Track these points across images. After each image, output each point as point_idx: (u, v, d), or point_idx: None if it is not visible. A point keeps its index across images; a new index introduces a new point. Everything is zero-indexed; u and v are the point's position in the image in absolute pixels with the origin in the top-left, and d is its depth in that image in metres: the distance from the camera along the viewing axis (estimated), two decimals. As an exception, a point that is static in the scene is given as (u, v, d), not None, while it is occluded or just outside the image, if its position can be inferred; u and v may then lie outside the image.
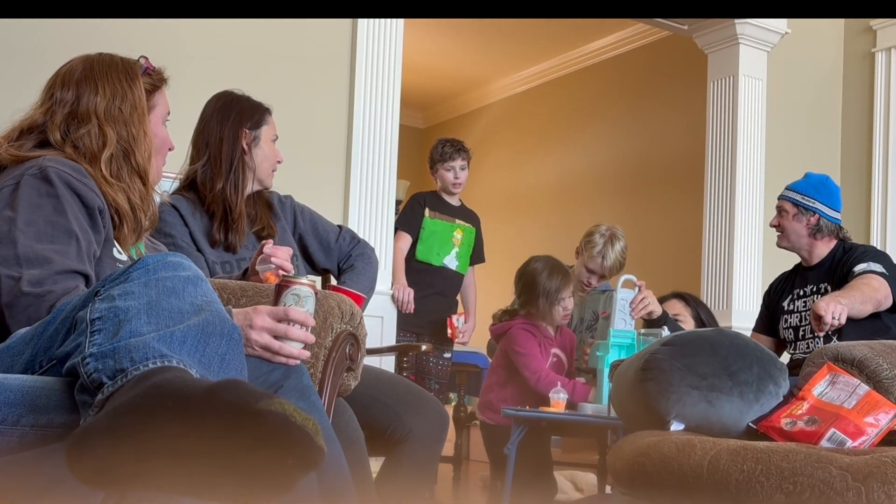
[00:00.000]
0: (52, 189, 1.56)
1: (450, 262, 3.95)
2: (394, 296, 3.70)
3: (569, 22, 6.06)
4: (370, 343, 2.05)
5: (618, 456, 2.02)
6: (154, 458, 0.99)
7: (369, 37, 3.65)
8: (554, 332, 3.38)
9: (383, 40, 3.68)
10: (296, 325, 1.51)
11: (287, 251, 1.98)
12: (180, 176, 2.39)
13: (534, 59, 6.97)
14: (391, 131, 3.69)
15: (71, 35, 2.98)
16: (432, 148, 4.01)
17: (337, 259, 2.53)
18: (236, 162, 2.31)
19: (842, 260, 3.18)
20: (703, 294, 4.59)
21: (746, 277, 4.57)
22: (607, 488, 3.58)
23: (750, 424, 2.03)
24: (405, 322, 3.79)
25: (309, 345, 1.55)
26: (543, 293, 3.30)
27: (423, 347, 2.99)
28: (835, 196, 3.27)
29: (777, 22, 4.69)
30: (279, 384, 1.48)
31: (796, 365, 2.96)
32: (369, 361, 2.26)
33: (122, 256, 1.68)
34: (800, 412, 1.96)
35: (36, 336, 1.32)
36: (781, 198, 3.30)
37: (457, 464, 4.42)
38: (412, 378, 3.68)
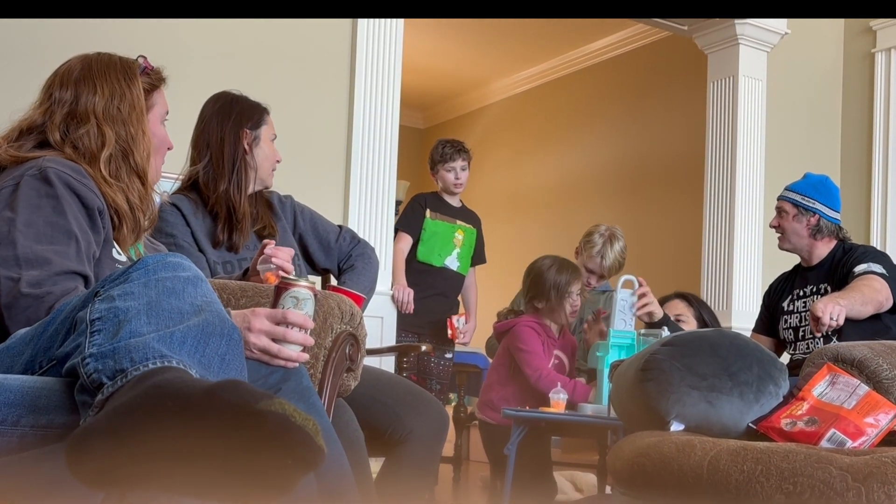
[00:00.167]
0: (52, 190, 1.56)
1: (451, 263, 3.95)
2: (394, 296, 3.70)
3: (569, 22, 6.05)
4: (370, 343, 2.05)
5: (618, 456, 2.02)
6: (154, 459, 0.99)
7: (369, 37, 3.65)
8: (558, 334, 3.38)
9: (383, 40, 3.68)
10: (294, 328, 1.50)
11: (289, 252, 1.98)
12: (181, 177, 2.39)
13: (534, 60, 6.97)
14: (391, 131, 3.69)
15: (71, 35, 2.98)
16: (433, 149, 4.01)
17: (337, 259, 2.53)
18: (238, 162, 2.31)
19: (842, 260, 3.18)
20: (703, 294, 4.59)
21: (746, 278, 4.57)
22: (607, 489, 3.58)
23: (750, 425, 2.02)
24: (407, 323, 3.79)
25: (308, 347, 1.54)
26: (553, 286, 3.30)
27: (423, 348, 2.99)
28: (834, 196, 3.27)
29: (777, 22, 4.69)
30: (278, 386, 1.47)
31: (796, 365, 2.96)
32: (369, 362, 2.26)
33: (122, 257, 1.68)
34: (800, 412, 1.96)
35: (36, 336, 1.32)
36: (781, 198, 3.30)
37: (457, 464, 4.42)
38: (414, 379, 3.68)
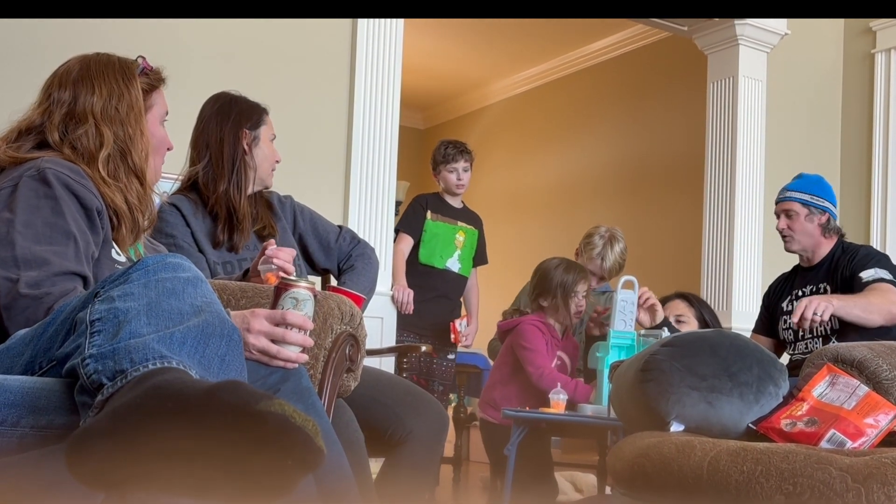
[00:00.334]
0: (51, 191, 1.56)
1: (452, 265, 3.94)
2: (393, 297, 3.69)
3: (569, 23, 6.05)
4: (370, 344, 2.05)
5: (618, 457, 2.02)
6: (154, 460, 0.99)
7: (369, 37, 3.65)
8: (561, 335, 3.38)
9: (383, 40, 3.68)
10: (293, 329, 1.49)
11: (290, 252, 1.98)
12: (181, 177, 2.39)
13: (534, 60, 6.97)
14: (391, 132, 3.69)
15: (71, 35, 2.97)
16: (435, 149, 4.00)
17: (337, 259, 2.52)
18: (238, 162, 2.31)
19: (840, 260, 3.18)
20: (703, 295, 4.59)
21: (746, 278, 4.57)
22: (607, 489, 3.58)
23: (750, 425, 2.02)
24: (409, 324, 3.78)
25: (307, 348, 1.54)
26: (560, 285, 3.32)
27: (424, 348, 2.99)
28: (833, 194, 3.29)
29: (777, 23, 4.69)
30: (277, 387, 1.47)
31: (796, 366, 2.96)
32: (369, 362, 2.26)
33: (121, 258, 1.68)
34: (800, 413, 1.96)
35: (36, 337, 1.32)
36: (787, 200, 3.23)
37: (457, 465, 4.42)
38: (416, 380, 3.68)
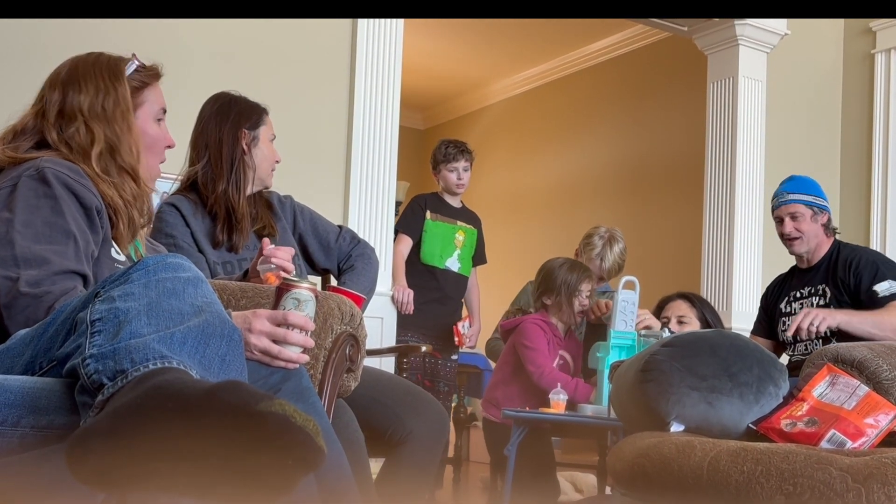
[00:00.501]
0: (50, 190, 1.56)
1: (452, 265, 3.94)
2: (393, 297, 3.69)
3: (568, 23, 6.05)
4: (370, 344, 2.05)
5: (618, 457, 2.02)
6: (154, 459, 0.99)
7: (369, 37, 3.65)
8: (564, 334, 3.38)
9: (383, 40, 3.68)
10: (295, 330, 1.50)
11: (289, 251, 1.98)
12: (180, 177, 2.38)
13: (534, 61, 6.97)
14: (391, 132, 3.69)
15: (71, 35, 2.97)
16: (435, 149, 4.00)
17: (337, 259, 2.52)
18: (237, 162, 2.31)
19: (839, 262, 3.18)
20: (703, 295, 4.58)
21: (746, 279, 4.57)
22: (607, 489, 3.58)
23: (750, 426, 2.03)
24: (412, 325, 3.78)
25: (308, 349, 1.54)
26: (564, 283, 3.33)
27: (424, 349, 2.98)
28: (823, 193, 3.30)
29: (777, 23, 4.69)
30: (278, 387, 1.47)
31: (795, 367, 2.96)
32: (369, 362, 2.26)
33: (121, 257, 1.68)
34: (800, 413, 1.96)
35: (36, 337, 1.32)
36: (790, 203, 3.23)
37: (457, 465, 4.42)
38: (420, 380, 3.67)
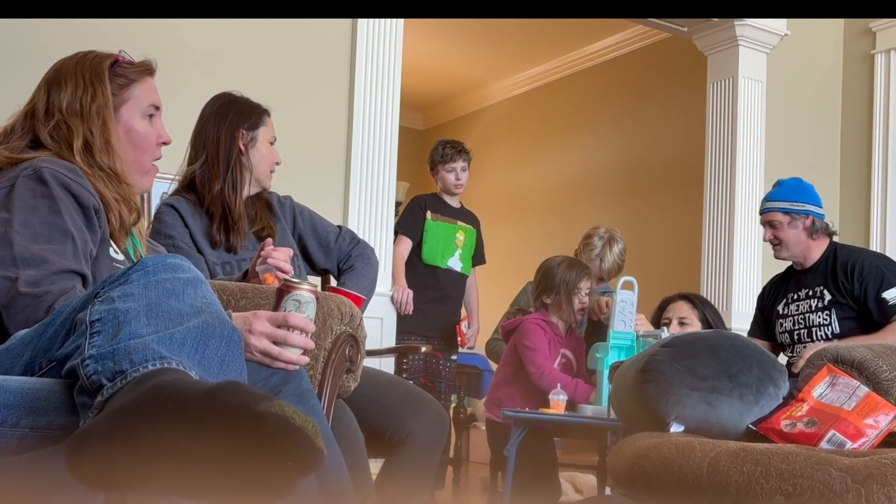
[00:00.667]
0: (48, 190, 1.56)
1: (454, 264, 3.93)
2: (393, 297, 3.69)
3: (568, 24, 6.05)
4: (370, 345, 2.05)
5: (617, 457, 2.02)
6: (154, 460, 0.99)
7: (369, 37, 3.65)
8: (565, 332, 3.38)
9: (383, 40, 3.68)
10: (295, 331, 1.50)
11: (287, 252, 1.98)
12: (178, 177, 2.39)
13: (533, 61, 6.97)
14: (391, 132, 3.69)
15: (71, 35, 2.97)
16: (433, 149, 4.00)
17: (336, 259, 2.52)
18: (233, 163, 2.31)
19: (836, 264, 3.17)
20: (703, 295, 4.58)
21: (746, 279, 4.57)
22: (607, 490, 3.58)
23: (750, 426, 2.02)
24: (413, 326, 3.77)
25: (308, 350, 1.54)
26: (563, 281, 3.33)
27: (423, 349, 2.98)
28: (815, 194, 3.27)
29: (776, 24, 4.69)
30: (278, 389, 1.47)
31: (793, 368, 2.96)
32: (369, 363, 2.26)
33: (119, 256, 1.68)
34: (799, 414, 1.96)
35: (35, 338, 1.32)
36: (768, 211, 3.25)
37: (456, 465, 4.42)
38: (421, 381, 3.67)
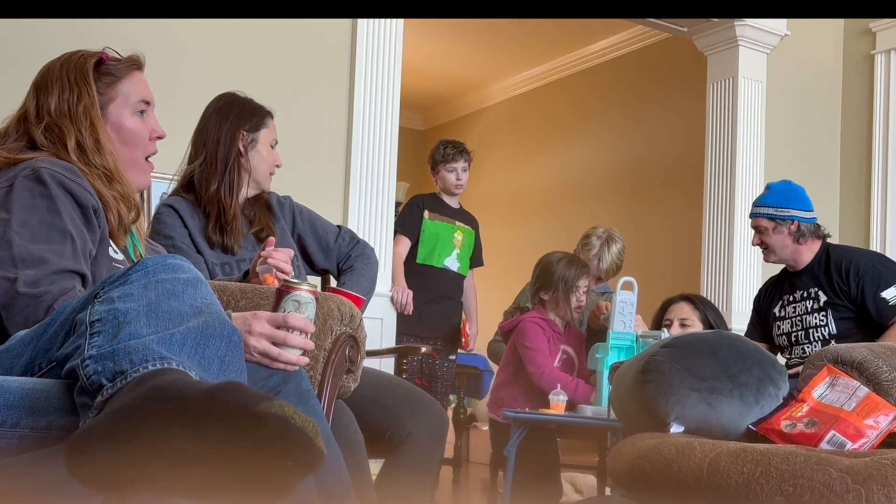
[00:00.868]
0: (46, 190, 1.56)
1: (451, 264, 3.93)
2: (393, 297, 3.69)
3: (568, 24, 6.05)
4: (369, 345, 2.05)
5: (617, 458, 2.02)
6: (154, 461, 0.99)
7: (369, 37, 3.65)
8: (563, 328, 3.37)
9: (383, 40, 3.68)
10: (295, 332, 1.49)
11: (287, 253, 1.98)
12: (177, 177, 2.38)
13: (533, 62, 6.97)
14: (391, 133, 3.69)
15: (71, 35, 2.97)
16: (434, 149, 4.00)
17: (336, 259, 2.52)
18: (231, 163, 2.30)
19: (829, 265, 3.17)
20: (703, 296, 4.58)
21: (746, 279, 4.57)
22: (607, 490, 3.58)
23: (750, 427, 2.02)
24: (412, 328, 3.77)
25: (308, 351, 1.54)
26: (561, 279, 3.31)
27: (423, 349, 2.98)
28: (804, 198, 3.26)
29: (776, 24, 4.69)
30: (277, 389, 1.47)
31: (791, 370, 2.95)
32: (369, 363, 2.26)
33: (118, 255, 1.68)
34: (799, 414, 1.96)
35: (35, 338, 1.32)
36: (754, 216, 3.28)
37: (456, 466, 4.42)
38: (418, 382, 3.67)
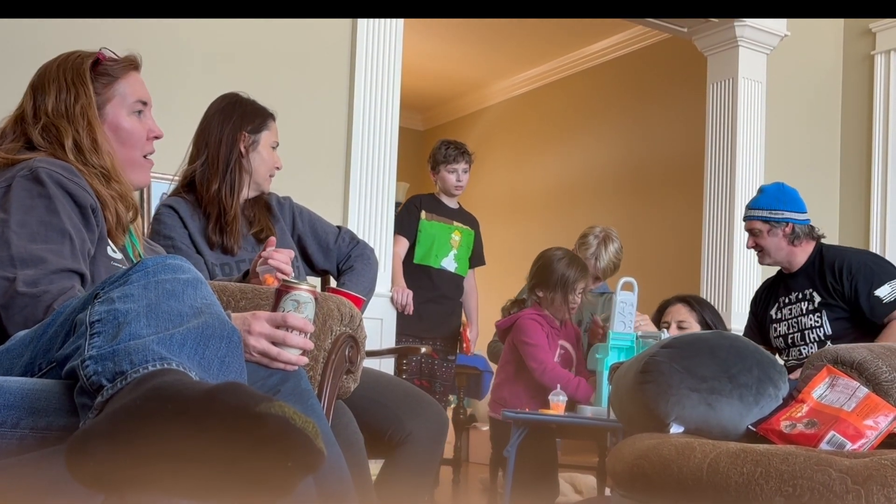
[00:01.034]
0: (44, 189, 1.56)
1: (448, 264, 3.93)
2: (392, 298, 3.69)
3: (568, 24, 6.05)
4: (369, 345, 2.05)
5: (617, 458, 2.02)
6: (153, 461, 0.99)
7: (369, 37, 3.65)
8: (560, 324, 3.37)
9: (383, 40, 3.68)
10: (294, 332, 1.49)
11: (288, 253, 1.98)
12: (177, 177, 2.38)
13: (533, 62, 6.97)
14: (391, 133, 3.69)
15: (71, 35, 2.97)
16: (434, 149, 3.99)
17: (336, 260, 2.52)
18: (233, 164, 2.30)
19: (823, 265, 3.18)
20: (703, 296, 4.58)
21: (746, 280, 4.57)
22: (606, 490, 3.58)
23: (749, 427, 2.02)
24: (409, 328, 3.77)
25: (307, 351, 1.54)
26: (560, 279, 3.28)
27: (423, 350, 2.98)
28: (797, 200, 3.27)
29: (776, 24, 4.69)
30: (277, 388, 1.47)
31: (789, 372, 2.95)
32: (368, 364, 2.26)
33: (117, 255, 1.68)
34: (799, 415, 1.96)
35: (35, 338, 1.32)
36: (748, 219, 3.28)
37: (456, 466, 4.42)
38: (417, 382, 3.66)
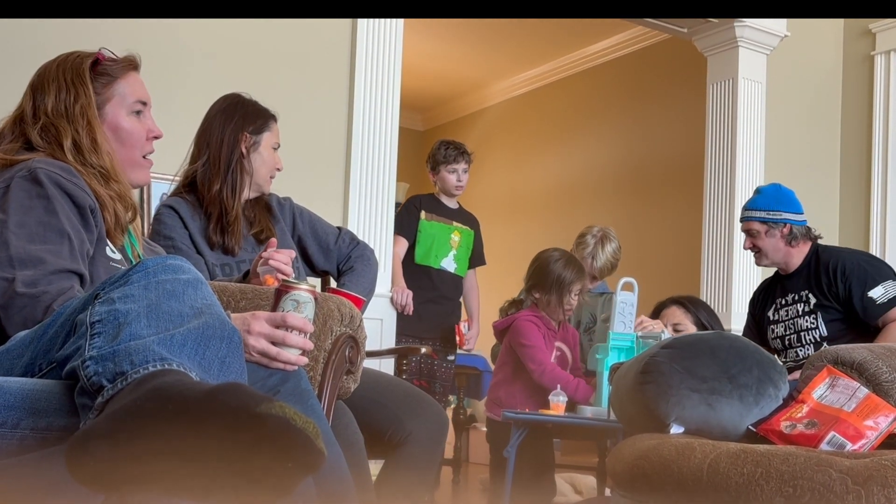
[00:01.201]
0: (43, 190, 1.56)
1: (447, 265, 3.93)
2: (392, 298, 3.69)
3: (568, 24, 6.05)
4: (369, 346, 2.05)
5: (617, 459, 2.02)
6: (154, 461, 0.99)
7: (369, 37, 3.65)
8: (557, 326, 3.37)
9: (383, 41, 3.68)
10: (294, 332, 1.49)
11: (288, 254, 1.98)
12: (177, 177, 2.38)
13: (533, 62, 6.97)
14: (391, 133, 3.69)
15: (71, 35, 2.97)
16: (434, 149, 3.99)
17: (336, 261, 2.52)
18: (234, 164, 2.30)
19: (818, 266, 3.18)
20: (703, 297, 4.58)
21: (746, 280, 4.57)
22: (606, 491, 3.58)
23: (750, 427, 2.02)
24: (409, 328, 3.77)
25: (307, 351, 1.54)
26: (556, 281, 3.27)
27: (423, 350, 2.98)
28: (794, 201, 3.27)
29: (776, 25, 4.69)
30: (277, 388, 1.47)
31: (788, 373, 2.95)
32: (368, 364, 2.26)
33: (116, 255, 1.68)
34: (799, 415, 1.96)
35: (36, 339, 1.32)
36: (746, 220, 3.28)
37: (456, 466, 4.43)
38: (416, 382, 3.66)
